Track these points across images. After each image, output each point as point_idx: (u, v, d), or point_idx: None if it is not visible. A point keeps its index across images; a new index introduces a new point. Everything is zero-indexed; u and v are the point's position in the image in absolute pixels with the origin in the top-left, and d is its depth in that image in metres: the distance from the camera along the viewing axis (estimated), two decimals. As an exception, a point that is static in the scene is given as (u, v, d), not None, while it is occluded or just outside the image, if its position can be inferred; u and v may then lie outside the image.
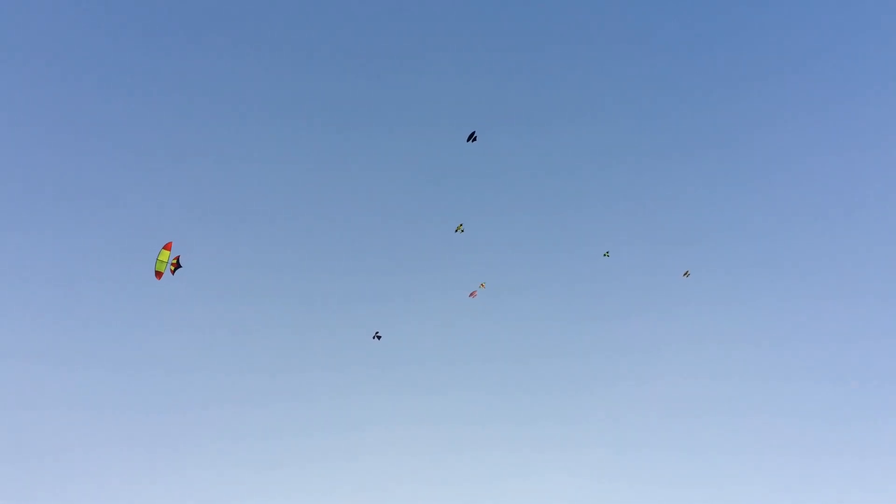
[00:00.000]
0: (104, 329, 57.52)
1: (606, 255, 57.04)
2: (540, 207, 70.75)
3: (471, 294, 54.45)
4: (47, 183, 61.36)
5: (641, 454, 56.76)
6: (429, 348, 62.90)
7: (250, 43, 70.03)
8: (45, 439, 51.10)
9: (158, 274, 38.55)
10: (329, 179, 70.93)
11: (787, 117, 71.53)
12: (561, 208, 71.22)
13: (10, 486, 48.23)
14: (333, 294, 65.15)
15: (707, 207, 70.49)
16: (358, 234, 67.83)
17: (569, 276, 67.27)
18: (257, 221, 66.54)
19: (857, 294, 63.88)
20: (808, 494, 53.39)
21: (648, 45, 74.74)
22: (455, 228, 52.09)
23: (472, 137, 47.83)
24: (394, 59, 73.35)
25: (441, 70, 74.80)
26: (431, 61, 74.98)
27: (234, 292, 62.80)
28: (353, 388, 59.21)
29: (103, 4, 65.90)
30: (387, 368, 60.13)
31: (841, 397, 58.75)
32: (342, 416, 57.54)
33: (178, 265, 39.27)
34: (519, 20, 75.24)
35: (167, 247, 38.49)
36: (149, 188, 63.83)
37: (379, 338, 53.34)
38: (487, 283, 54.27)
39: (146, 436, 53.16)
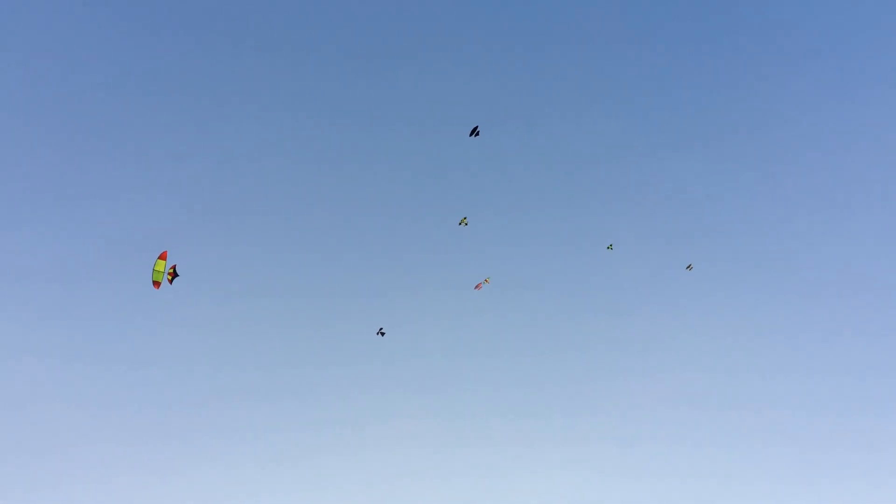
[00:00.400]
0: (108, 326, 57.83)
1: (610, 247, 56.89)
2: (544, 203, 70.66)
3: (476, 286, 54.06)
4: (47, 183, 61.43)
5: (647, 449, 56.77)
6: (433, 344, 63.03)
7: (249, 42, 69.65)
8: (47, 437, 51.50)
9: (156, 284, 38.31)
10: (331, 176, 70.77)
11: (788, 115, 71.68)
12: (565, 204, 71.19)
13: (10, 485, 48.52)
14: (337, 291, 65.22)
15: (711, 203, 70.60)
16: (361, 231, 67.87)
17: (573, 271, 67.35)
18: (261, 218, 66.64)
19: (861, 290, 63.70)
20: (817, 488, 53.27)
21: (649, 45, 74.48)
22: (459, 221, 51.65)
23: (474, 132, 47.40)
24: (394, 58, 73.11)
25: (442, 68, 74.73)
26: (432, 60, 74.91)
27: (238, 289, 62.89)
28: (358, 384, 59.39)
29: (103, 4, 65.37)
30: (391, 364, 60.29)
31: (848, 392, 58.50)
32: (347, 413, 57.75)
33: (174, 274, 38.94)
34: (519, 20, 74.82)
35: (162, 256, 38.12)
36: (149, 186, 63.97)
37: (383, 334, 53.12)
38: (491, 279, 53.93)
39: (150, 433, 53.53)
